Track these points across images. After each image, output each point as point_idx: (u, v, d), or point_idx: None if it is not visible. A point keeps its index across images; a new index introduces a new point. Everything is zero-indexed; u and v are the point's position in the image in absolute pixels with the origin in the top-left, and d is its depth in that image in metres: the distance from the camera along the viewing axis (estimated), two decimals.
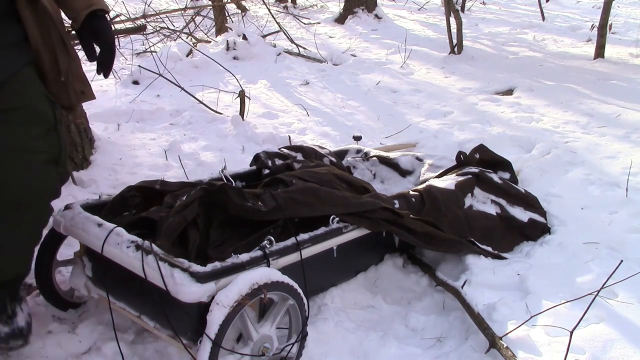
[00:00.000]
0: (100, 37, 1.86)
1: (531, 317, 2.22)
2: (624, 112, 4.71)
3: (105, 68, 1.91)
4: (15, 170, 1.66)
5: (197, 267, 1.83)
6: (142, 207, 2.37)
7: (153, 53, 6.10)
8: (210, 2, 8.10)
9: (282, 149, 3.21)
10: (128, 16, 6.70)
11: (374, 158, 3.45)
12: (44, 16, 1.74)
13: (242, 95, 4.52)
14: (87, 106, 3.50)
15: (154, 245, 1.92)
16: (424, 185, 2.93)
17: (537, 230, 2.95)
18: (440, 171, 3.24)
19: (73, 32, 1.93)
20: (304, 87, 5.84)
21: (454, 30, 7.32)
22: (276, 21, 7.92)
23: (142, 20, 6.71)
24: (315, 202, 2.37)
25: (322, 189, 2.46)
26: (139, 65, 5.34)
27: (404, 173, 3.38)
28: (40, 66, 1.77)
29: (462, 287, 2.46)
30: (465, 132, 4.43)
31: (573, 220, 3.01)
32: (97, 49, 1.90)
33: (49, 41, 1.76)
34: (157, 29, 7.30)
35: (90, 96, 1.94)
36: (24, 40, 1.72)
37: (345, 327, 2.35)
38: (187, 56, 6.14)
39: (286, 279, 1.96)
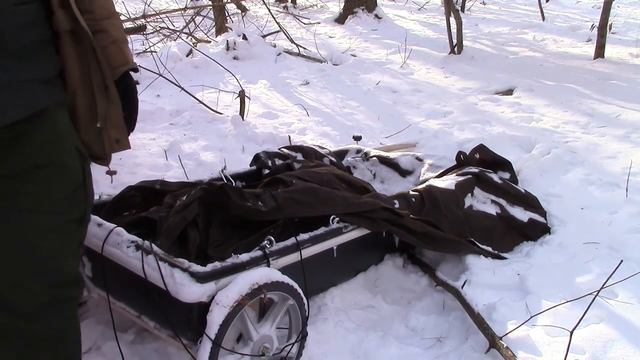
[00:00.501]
0: (128, 95, 1.79)
1: (531, 317, 2.22)
2: (624, 112, 4.71)
3: (130, 125, 1.82)
4: (32, 234, 1.47)
5: (197, 267, 1.83)
6: (142, 207, 2.37)
7: (153, 53, 6.10)
8: (210, 2, 8.10)
9: (282, 149, 3.21)
10: (128, 16, 6.71)
11: (374, 158, 3.45)
12: (90, 56, 1.58)
13: (242, 95, 4.52)
14: None
15: (154, 245, 1.92)
16: (424, 185, 2.93)
17: (537, 230, 2.95)
18: (440, 171, 3.24)
19: None
20: (304, 87, 5.84)
21: (454, 30, 7.31)
22: (276, 21, 7.92)
23: (142, 20, 6.72)
24: (315, 202, 2.37)
25: (322, 189, 2.46)
26: (139, 65, 5.33)
27: (404, 173, 3.38)
28: (74, 110, 1.60)
29: (462, 287, 2.46)
30: (465, 132, 4.43)
31: (573, 220, 3.01)
32: None
33: (88, 83, 1.60)
34: (157, 29, 7.30)
35: (126, 145, 1.74)
36: (56, 77, 1.54)
37: (345, 327, 2.35)
38: (187, 56, 6.14)
39: (286, 279, 1.96)
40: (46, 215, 1.50)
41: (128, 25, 6.23)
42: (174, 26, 7.78)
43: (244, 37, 6.72)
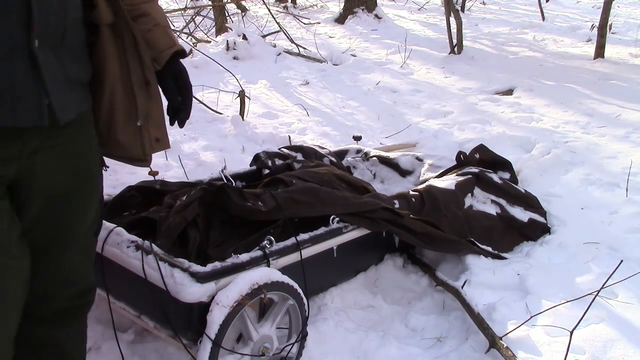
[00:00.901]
0: (180, 81, 1.66)
1: (531, 317, 2.22)
2: (624, 112, 4.71)
3: (184, 116, 1.69)
4: (72, 252, 1.47)
5: (197, 267, 1.83)
6: (142, 207, 2.37)
7: None
8: (210, 2, 8.10)
9: (282, 149, 3.21)
10: None
11: (374, 158, 3.45)
12: (128, 51, 1.50)
13: (242, 95, 4.52)
14: None
15: (154, 245, 1.92)
16: (424, 185, 2.93)
17: (537, 230, 2.95)
18: (440, 171, 3.24)
19: None
20: (304, 87, 5.84)
21: (454, 30, 7.31)
22: (276, 21, 7.92)
23: None
24: (315, 202, 2.37)
25: (322, 189, 2.46)
26: None
27: (404, 173, 3.38)
28: (112, 109, 1.51)
29: (462, 287, 2.46)
30: (465, 132, 4.43)
31: (573, 220, 3.01)
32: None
33: (128, 80, 1.51)
34: None
35: (166, 144, 1.64)
36: (89, 81, 1.47)
37: (345, 327, 2.35)
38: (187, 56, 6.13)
39: (286, 279, 1.96)
40: (83, 232, 1.49)
41: None
42: (174, 26, 7.77)
43: (244, 37, 6.72)
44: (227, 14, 8.44)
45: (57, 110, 1.29)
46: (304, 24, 9.72)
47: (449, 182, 2.93)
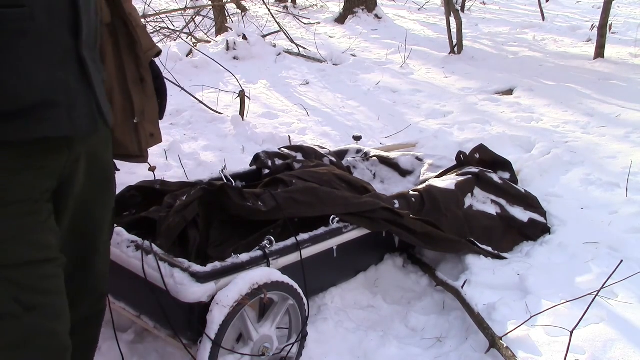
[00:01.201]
0: (158, 82, 1.72)
1: (531, 317, 2.22)
2: (624, 112, 4.71)
3: (162, 113, 1.75)
4: (100, 259, 1.49)
5: (197, 267, 1.83)
6: (142, 207, 2.37)
7: None
8: (210, 2, 8.10)
9: (282, 149, 3.21)
10: None
11: (374, 158, 3.45)
12: (123, 50, 1.52)
13: (242, 95, 4.52)
14: None
15: (154, 245, 1.92)
16: (424, 185, 2.93)
17: (537, 230, 2.95)
18: (440, 171, 3.24)
19: None
20: (304, 87, 5.84)
21: (454, 30, 7.31)
22: (276, 21, 7.92)
23: (142, 20, 6.70)
24: (315, 202, 2.37)
25: (322, 189, 2.46)
26: None
27: (404, 173, 3.38)
28: (111, 108, 1.50)
29: (462, 287, 2.46)
30: (465, 132, 4.43)
31: (573, 220, 3.01)
32: None
33: (124, 79, 1.54)
34: (157, 29, 7.30)
35: (159, 139, 1.69)
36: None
37: (345, 327, 2.35)
38: (187, 56, 6.14)
39: (286, 279, 1.96)
40: (105, 236, 1.49)
41: None
42: (174, 26, 7.77)
43: (244, 37, 6.71)
44: (227, 14, 8.43)
45: (106, 115, 1.29)
46: (304, 24, 9.72)
47: (449, 182, 2.93)
